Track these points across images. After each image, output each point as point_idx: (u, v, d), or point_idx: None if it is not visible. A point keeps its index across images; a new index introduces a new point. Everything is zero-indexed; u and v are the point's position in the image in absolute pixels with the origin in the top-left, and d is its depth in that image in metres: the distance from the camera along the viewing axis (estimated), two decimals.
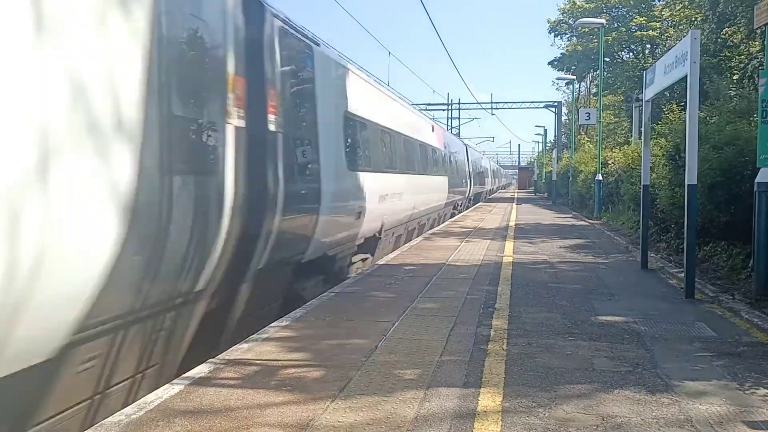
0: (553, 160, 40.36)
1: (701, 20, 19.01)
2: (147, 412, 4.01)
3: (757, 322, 6.22)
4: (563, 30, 37.33)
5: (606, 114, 33.02)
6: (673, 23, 27.27)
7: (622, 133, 35.47)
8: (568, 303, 7.29)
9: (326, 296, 7.81)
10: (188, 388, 4.46)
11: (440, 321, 6.38)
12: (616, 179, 19.54)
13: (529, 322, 6.35)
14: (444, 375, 4.69)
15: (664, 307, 7.08)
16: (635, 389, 4.38)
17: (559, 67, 38.03)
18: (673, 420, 3.85)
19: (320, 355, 5.24)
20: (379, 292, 8.05)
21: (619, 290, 8.16)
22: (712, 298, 7.52)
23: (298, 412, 4.00)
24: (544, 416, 3.90)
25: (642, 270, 9.92)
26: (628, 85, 29.55)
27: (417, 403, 4.13)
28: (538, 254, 11.84)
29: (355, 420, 3.85)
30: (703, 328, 6.11)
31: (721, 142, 9.55)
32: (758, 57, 13.54)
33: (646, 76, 9.94)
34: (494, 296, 7.67)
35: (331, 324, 6.31)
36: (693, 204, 7.54)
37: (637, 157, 15.34)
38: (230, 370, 4.86)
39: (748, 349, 5.37)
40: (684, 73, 7.57)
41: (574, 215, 23.74)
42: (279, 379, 4.64)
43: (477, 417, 3.89)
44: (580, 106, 40.03)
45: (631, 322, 6.36)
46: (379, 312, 6.83)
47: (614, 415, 3.93)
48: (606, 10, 32.66)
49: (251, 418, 3.91)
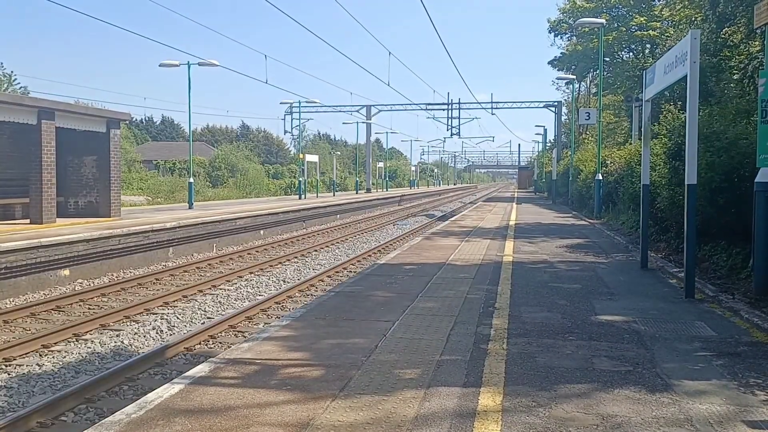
0: (553, 160, 40.36)
1: (701, 20, 18.99)
2: (147, 412, 4.01)
3: (757, 321, 6.22)
4: (563, 30, 37.25)
5: (606, 114, 33.00)
6: (673, 23, 27.23)
7: (622, 133, 35.42)
8: (568, 302, 7.30)
9: (326, 296, 7.82)
10: (188, 387, 4.46)
11: (440, 320, 6.38)
12: (616, 179, 19.53)
13: (529, 321, 6.36)
14: (444, 374, 4.69)
15: (664, 307, 7.08)
16: (635, 389, 4.38)
17: (559, 66, 37.98)
18: (673, 419, 3.85)
19: (320, 354, 5.24)
20: (379, 291, 8.05)
21: (619, 290, 8.16)
22: (712, 297, 7.52)
23: (298, 411, 4.00)
24: (544, 416, 3.90)
25: (642, 269, 9.92)
26: (628, 85, 29.51)
27: (417, 402, 4.13)
28: (538, 254, 11.84)
29: (355, 419, 3.86)
30: (703, 328, 6.11)
31: (723, 143, 9.54)
32: (758, 57, 13.53)
33: (646, 76, 9.93)
34: (494, 296, 7.67)
35: (331, 323, 6.32)
36: (693, 203, 7.54)
37: (636, 154, 15.35)
38: (230, 370, 4.86)
39: (748, 349, 5.38)
40: (684, 72, 7.58)
41: (574, 215, 23.74)
42: (279, 378, 4.65)
43: (477, 416, 3.89)
44: (580, 105, 39.99)
45: (631, 321, 6.36)
46: (379, 311, 6.83)
47: (614, 414, 3.93)
48: (606, 10, 32.60)
49: (251, 417, 3.91)
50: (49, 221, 15.99)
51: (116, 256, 14.33)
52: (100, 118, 18.13)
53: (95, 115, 18.40)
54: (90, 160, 18.44)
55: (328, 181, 57.19)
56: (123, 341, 8.69)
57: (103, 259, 13.91)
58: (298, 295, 11.63)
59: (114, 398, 6.45)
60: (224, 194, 42.04)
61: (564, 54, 38.19)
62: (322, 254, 17.87)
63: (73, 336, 8.74)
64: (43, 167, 15.75)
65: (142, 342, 8.73)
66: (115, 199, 18.45)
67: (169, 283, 13.14)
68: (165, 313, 10.25)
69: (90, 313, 10.33)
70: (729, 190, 9.20)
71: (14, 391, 6.73)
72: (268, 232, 22.37)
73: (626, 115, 30.48)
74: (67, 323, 9.37)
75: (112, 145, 18.22)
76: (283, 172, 62.63)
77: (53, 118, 16.02)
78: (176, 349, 8.03)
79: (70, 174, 18.42)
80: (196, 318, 10.09)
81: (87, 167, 18.48)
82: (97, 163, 18.37)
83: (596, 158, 23.13)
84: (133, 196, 35.62)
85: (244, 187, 46.94)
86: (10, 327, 9.42)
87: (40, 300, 11.04)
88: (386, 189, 63.50)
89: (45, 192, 15.92)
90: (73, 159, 18.45)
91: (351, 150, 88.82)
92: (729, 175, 9.20)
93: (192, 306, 10.83)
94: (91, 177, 18.48)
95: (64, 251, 12.72)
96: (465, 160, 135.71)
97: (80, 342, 8.59)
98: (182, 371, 6.36)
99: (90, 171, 18.48)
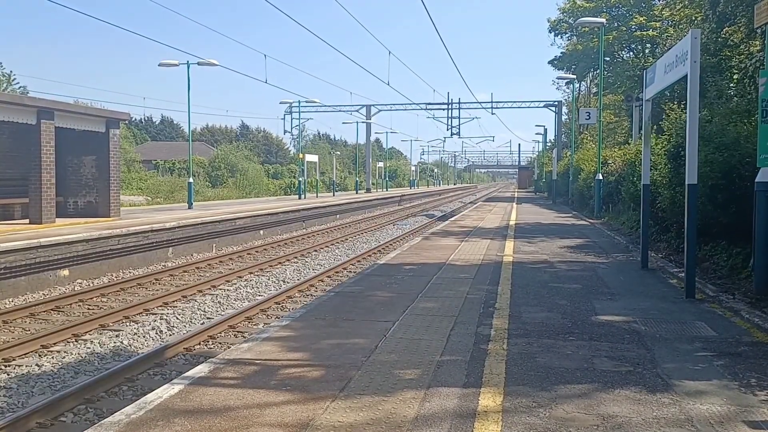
0: (554, 160, 40.36)
1: (701, 20, 18.98)
2: (147, 412, 4.00)
3: (757, 321, 6.22)
4: (563, 29, 37.26)
5: (606, 113, 32.97)
6: (673, 23, 27.23)
7: (622, 132, 35.41)
8: (568, 303, 7.29)
9: (326, 296, 7.81)
10: (188, 387, 4.45)
11: (441, 321, 6.37)
12: (617, 179, 19.52)
13: (529, 321, 6.35)
14: (444, 375, 4.68)
15: (665, 307, 7.07)
16: (635, 389, 4.37)
17: (560, 66, 37.99)
18: (674, 420, 3.84)
19: (320, 354, 5.23)
20: (379, 291, 8.04)
21: (620, 290, 8.15)
22: (712, 297, 7.51)
23: (298, 411, 3.99)
24: (544, 416, 3.89)
25: (642, 269, 9.91)
26: (628, 85, 29.51)
27: (417, 402, 4.12)
28: (538, 254, 11.83)
29: (356, 420, 3.85)
30: (704, 328, 6.10)
31: (723, 139, 9.53)
32: (758, 57, 13.52)
33: (646, 76, 9.92)
34: (494, 296, 7.66)
35: (331, 324, 6.31)
36: (693, 203, 7.53)
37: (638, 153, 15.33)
38: (230, 370, 4.85)
39: (749, 349, 5.37)
40: (684, 72, 7.57)
41: (574, 215, 23.73)
42: (279, 378, 4.64)
43: (477, 417, 3.88)
44: (580, 105, 39.99)
45: (632, 321, 6.35)
46: (379, 312, 6.82)
47: (614, 414, 3.92)
48: (606, 10, 32.61)
49: (251, 417, 3.90)
50: (49, 221, 15.98)
51: (116, 256, 14.32)
52: (99, 117, 18.11)
53: (94, 114, 18.39)
54: (89, 160, 18.43)
55: (327, 181, 57.17)
56: (122, 341, 8.67)
57: (102, 259, 13.90)
58: (298, 295, 11.62)
59: (113, 399, 6.44)
60: (224, 194, 42.04)
61: (564, 54, 38.22)
62: (322, 254, 17.87)
63: (72, 336, 8.73)
64: (42, 167, 15.74)
65: (142, 342, 8.72)
66: (114, 199, 18.44)
67: (169, 283, 13.13)
68: (164, 314, 10.24)
69: (89, 313, 10.32)
70: (729, 189, 9.19)
71: (13, 391, 6.72)
72: (267, 232, 22.36)
73: (626, 114, 30.48)
74: (66, 323, 9.36)
75: (111, 145, 18.21)
76: (283, 172, 62.64)
77: (53, 118, 16.01)
78: (176, 349, 8.02)
79: (69, 174, 18.41)
80: (196, 318, 10.08)
81: (86, 167, 18.47)
82: (96, 163, 18.36)
83: (596, 158, 23.12)
84: (132, 196, 35.62)
85: (244, 187, 46.95)
86: (9, 327, 9.41)
87: (40, 300, 11.03)
88: (386, 189, 63.50)
89: (44, 192, 15.91)
90: (73, 159, 18.44)
91: (351, 150, 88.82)
92: (729, 174, 9.19)
93: (191, 306, 10.82)
94: (91, 177, 18.47)
95: (63, 251, 12.71)
96: (465, 160, 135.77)
97: (80, 342, 8.58)
98: (182, 372, 6.35)
99: (89, 171, 18.47)
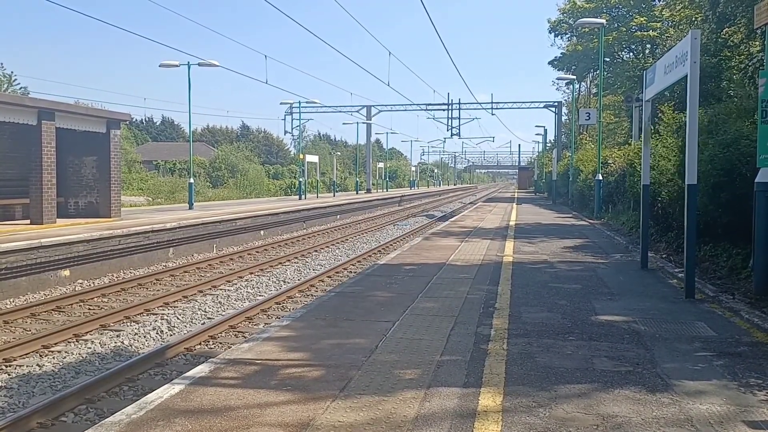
0: (554, 160, 40.35)
1: (701, 20, 19.01)
2: (147, 412, 4.01)
3: (757, 321, 6.22)
4: (563, 30, 37.30)
5: (606, 114, 33.00)
6: (673, 23, 27.26)
7: (622, 133, 35.42)
8: (568, 303, 7.29)
9: (326, 296, 7.82)
10: (188, 387, 4.46)
11: (440, 321, 6.38)
12: (617, 179, 19.52)
13: (529, 321, 6.35)
14: (444, 375, 4.69)
15: (664, 307, 7.08)
16: (635, 389, 4.38)
17: (560, 66, 38.01)
18: (674, 420, 3.85)
19: (320, 354, 5.24)
20: (379, 291, 8.05)
21: (619, 290, 8.16)
22: (712, 297, 7.52)
23: (298, 411, 4.00)
24: (544, 416, 3.90)
25: (642, 270, 9.92)
26: (628, 85, 29.53)
27: (417, 402, 4.13)
28: (538, 254, 11.84)
29: (356, 420, 3.85)
30: (703, 328, 6.10)
31: (724, 137, 9.54)
32: (758, 57, 13.54)
33: (646, 76, 9.93)
34: (494, 296, 7.67)
35: (331, 324, 6.32)
36: (693, 203, 7.54)
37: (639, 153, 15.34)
38: (230, 370, 4.86)
39: (749, 349, 5.37)
40: (684, 72, 7.58)
41: (574, 215, 23.73)
42: (279, 378, 4.64)
43: (477, 417, 3.89)
44: (580, 106, 39.98)
45: (631, 321, 6.36)
46: (379, 312, 6.83)
47: (614, 414, 3.93)
48: (606, 10, 32.63)
49: (251, 417, 3.91)
50: (50, 222, 15.99)
51: (116, 256, 14.33)
52: (100, 118, 18.13)
53: (95, 115, 18.40)
54: (90, 160, 18.45)
55: (328, 181, 57.20)
56: (123, 341, 8.68)
57: (103, 260, 13.91)
58: (299, 295, 11.63)
59: (114, 399, 6.45)
60: (224, 195, 42.06)
61: (564, 54, 38.23)
62: (323, 254, 17.87)
63: (73, 336, 8.74)
64: (43, 168, 15.76)
65: (143, 342, 8.73)
66: (115, 199, 18.45)
67: (170, 283, 13.14)
68: (165, 314, 10.25)
69: (90, 313, 10.33)
70: (729, 188, 9.20)
71: (14, 391, 6.73)
72: (268, 233, 22.37)
73: (626, 115, 30.47)
74: (67, 323, 9.37)
75: (112, 145, 18.22)
76: (283, 172, 62.67)
77: (53, 119, 16.02)
78: (176, 349, 8.02)
79: (70, 174, 18.42)
80: (197, 318, 10.08)
81: (87, 168, 18.49)
82: (97, 164, 18.38)
83: (596, 158, 23.13)
84: (133, 196, 35.64)
85: (244, 188, 46.98)
86: (10, 327, 9.42)
87: (41, 300, 11.04)
88: (386, 189, 63.51)
89: (45, 192, 15.92)
90: (74, 159, 18.45)
91: (351, 150, 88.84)
92: (729, 173, 9.20)
93: (192, 306, 10.83)
94: (92, 177, 18.48)
95: (64, 252, 12.72)
96: (465, 161, 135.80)
97: (80, 342, 8.59)
98: (182, 371, 6.37)
99: (90, 171, 18.48)
